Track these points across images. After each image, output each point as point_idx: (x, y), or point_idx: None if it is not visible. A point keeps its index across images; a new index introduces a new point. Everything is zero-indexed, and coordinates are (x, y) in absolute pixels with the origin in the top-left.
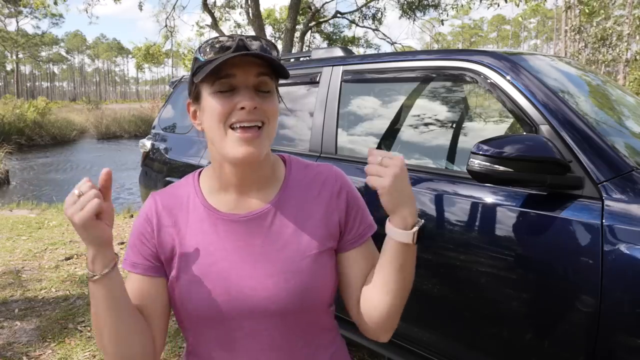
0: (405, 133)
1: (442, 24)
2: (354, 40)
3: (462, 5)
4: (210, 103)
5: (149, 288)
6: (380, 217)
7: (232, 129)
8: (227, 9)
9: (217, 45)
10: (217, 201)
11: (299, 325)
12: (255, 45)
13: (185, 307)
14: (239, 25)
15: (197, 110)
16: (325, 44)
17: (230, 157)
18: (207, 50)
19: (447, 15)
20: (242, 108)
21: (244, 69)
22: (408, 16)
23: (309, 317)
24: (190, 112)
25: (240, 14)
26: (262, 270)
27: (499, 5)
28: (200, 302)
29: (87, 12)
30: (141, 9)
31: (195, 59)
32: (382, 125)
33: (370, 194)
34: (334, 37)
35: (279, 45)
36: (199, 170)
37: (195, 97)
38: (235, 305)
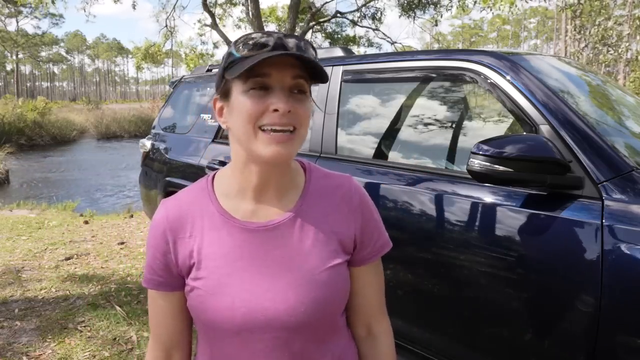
0: (406, 133)
1: (437, 24)
2: (355, 40)
3: (457, 7)
4: (242, 102)
5: (171, 304)
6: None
7: (263, 130)
8: (229, 5)
9: (252, 42)
10: (234, 208)
11: (316, 335)
12: (291, 43)
13: (201, 319)
14: (242, 20)
15: (225, 107)
16: (326, 43)
17: (260, 156)
18: (242, 46)
19: (441, 16)
20: (276, 110)
21: (280, 69)
22: (408, 15)
23: (326, 326)
24: (216, 109)
25: (241, 11)
26: (281, 282)
27: (491, 10)
28: (217, 314)
29: (85, 11)
30: (134, 8)
31: (229, 54)
32: (382, 125)
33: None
34: (336, 36)
35: None
36: (212, 173)
37: (224, 94)
38: (254, 317)
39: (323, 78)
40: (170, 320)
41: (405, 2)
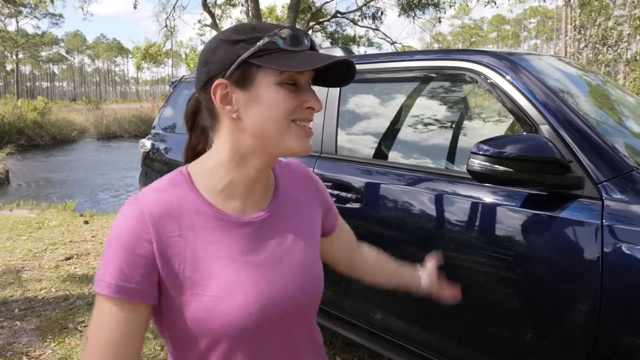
0: (406, 133)
1: (440, 22)
2: (355, 39)
3: (459, 4)
4: (276, 94)
5: (140, 320)
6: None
7: (296, 124)
8: (227, 6)
9: (294, 36)
10: (222, 203)
11: (309, 319)
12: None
13: (212, 326)
14: (240, 22)
15: (236, 95)
16: (326, 43)
17: (291, 149)
18: (289, 38)
19: (444, 13)
20: (310, 108)
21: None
22: (407, 14)
23: (315, 308)
24: (219, 94)
25: (241, 12)
26: (283, 271)
27: (495, 3)
28: (231, 316)
29: (82, 10)
30: (135, 7)
31: (272, 42)
32: (382, 125)
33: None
34: (336, 35)
35: None
36: (183, 168)
37: (241, 81)
38: (267, 309)
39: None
40: (135, 341)
41: (405, 1)
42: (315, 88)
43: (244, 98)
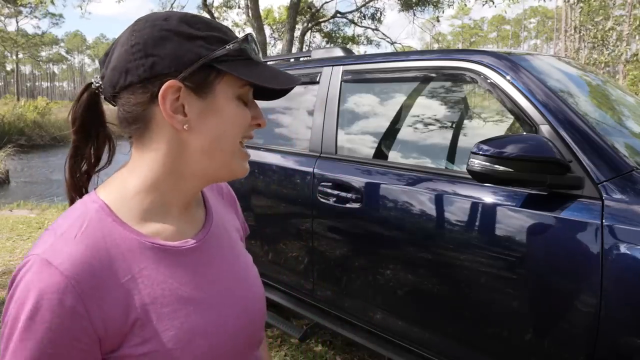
0: (406, 133)
1: (438, 21)
2: (354, 39)
3: (458, 3)
4: (236, 109)
5: None
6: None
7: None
8: (225, 8)
9: (256, 44)
10: (155, 232)
11: (257, 339)
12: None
13: None
14: (236, 25)
15: (190, 105)
16: (324, 43)
17: (234, 172)
18: (256, 46)
19: (443, 12)
20: (258, 125)
21: None
22: (407, 12)
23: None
24: (170, 100)
25: (237, 14)
26: (236, 296)
27: (493, 3)
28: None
29: (81, 9)
30: (119, 2)
31: (242, 49)
32: (382, 125)
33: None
34: (334, 35)
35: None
36: (90, 197)
37: (200, 87)
38: (236, 340)
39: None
40: None
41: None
42: (316, 88)
43: (198, 108)
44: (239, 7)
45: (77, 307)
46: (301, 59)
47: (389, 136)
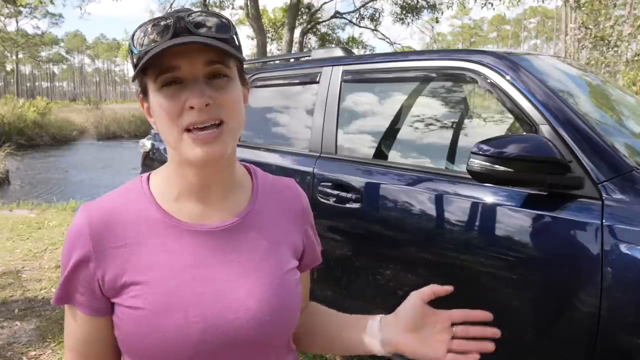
0: (406, 133)
1: (438, 22)
2: (349, 42)
3: (457, 5)
4: (157, 102)
5: (94, 331)
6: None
7: (189, 131)
8: (219, 9)
9: (152, 30)
10: (177, 210)
11: (276, 349)
12: (198, 21)
13: (145, 345)
14: (237, 22)
15: (149, 107)
16: (317, 45)
17: (188, 159)
18: (142, 37)
19: (441, 14)
20: (192, 107)
21: (189, 58)
22: (402, 22)
23: (284, 341)
24: (144, 108)
25: (231, 14)
26: (242, 289)
27: (492, 5)
28: (166, 336)
29: (80, 9)
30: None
31: (130, 52)
32: (382, 125)
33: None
34: (328, 37)
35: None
36: (145, 174)
37: (144, 92)
38: (214, 332)
39: (239, 57)
40: (98, 350)
41: (397, 12)
42: (316, 88)
43: (150, 109)
44: (232, 8)
45: (87, 243)
46: (301, 59)
47: (389, 136)
